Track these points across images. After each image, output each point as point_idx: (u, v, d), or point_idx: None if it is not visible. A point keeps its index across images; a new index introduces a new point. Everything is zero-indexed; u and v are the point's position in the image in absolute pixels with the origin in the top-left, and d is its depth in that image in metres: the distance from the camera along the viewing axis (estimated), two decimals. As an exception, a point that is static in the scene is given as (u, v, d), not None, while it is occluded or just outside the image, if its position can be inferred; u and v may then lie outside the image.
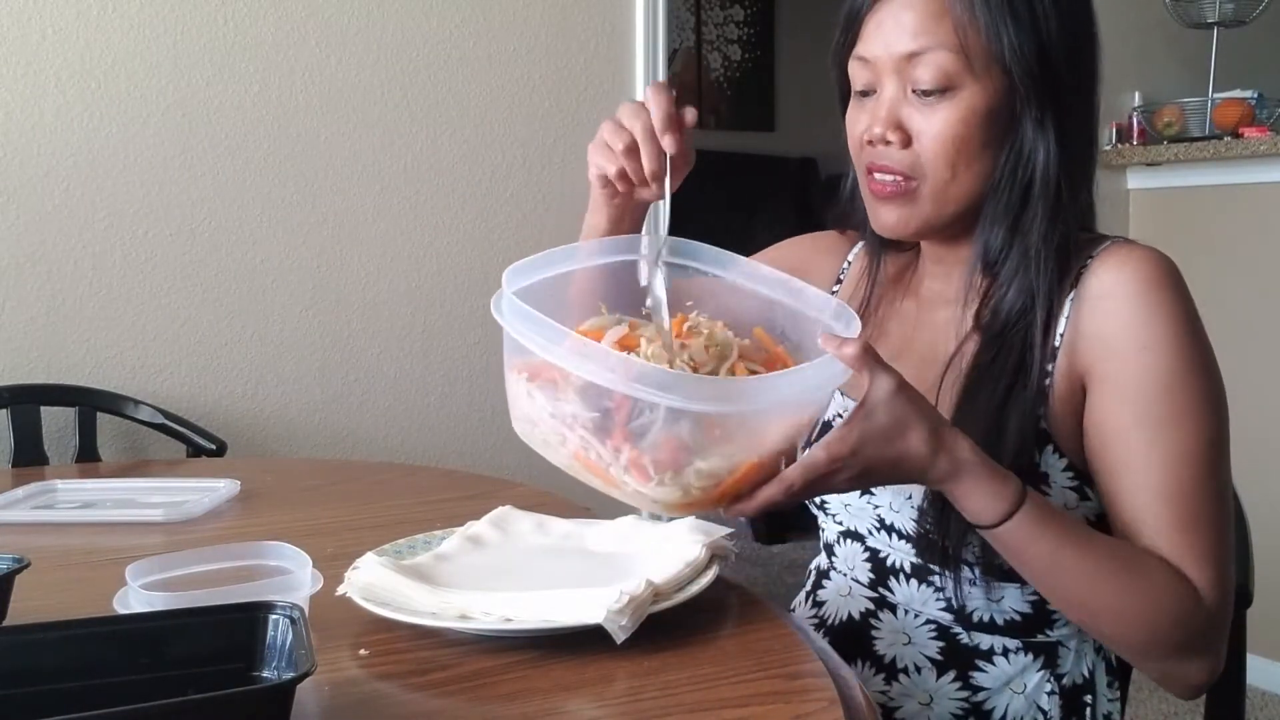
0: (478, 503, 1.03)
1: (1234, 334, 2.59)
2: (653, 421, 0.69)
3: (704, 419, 0.69)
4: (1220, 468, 0.81)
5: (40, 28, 1.65)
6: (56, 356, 1.69)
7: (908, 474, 0.74)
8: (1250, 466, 1.72)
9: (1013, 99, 0.82)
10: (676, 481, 0.71)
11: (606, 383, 0.67)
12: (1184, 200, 2.69)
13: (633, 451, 0.70)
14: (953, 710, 0.89)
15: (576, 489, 0.83)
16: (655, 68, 2.14)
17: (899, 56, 0.82)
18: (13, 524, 1.08)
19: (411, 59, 1.92)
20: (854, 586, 0.97)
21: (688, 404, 0.67)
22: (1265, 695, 2.47)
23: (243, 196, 1.80)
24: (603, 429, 0.70)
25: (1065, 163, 0.83)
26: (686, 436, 0.69)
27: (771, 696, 0.64)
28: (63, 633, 0.59)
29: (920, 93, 0.82)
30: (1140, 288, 0.81)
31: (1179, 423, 0.79)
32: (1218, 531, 0.80)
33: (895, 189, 0.85)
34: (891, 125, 0.83)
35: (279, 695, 0.53)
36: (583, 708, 0.64)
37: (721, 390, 0.70)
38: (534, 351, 0.69)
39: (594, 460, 0.72)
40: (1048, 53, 0.81)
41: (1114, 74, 3.21)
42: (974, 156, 0.83)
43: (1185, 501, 0.79)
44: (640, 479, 0.71)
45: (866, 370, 0.71)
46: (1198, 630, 0.78)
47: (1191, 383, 0.80)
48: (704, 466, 0.70)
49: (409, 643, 0.72)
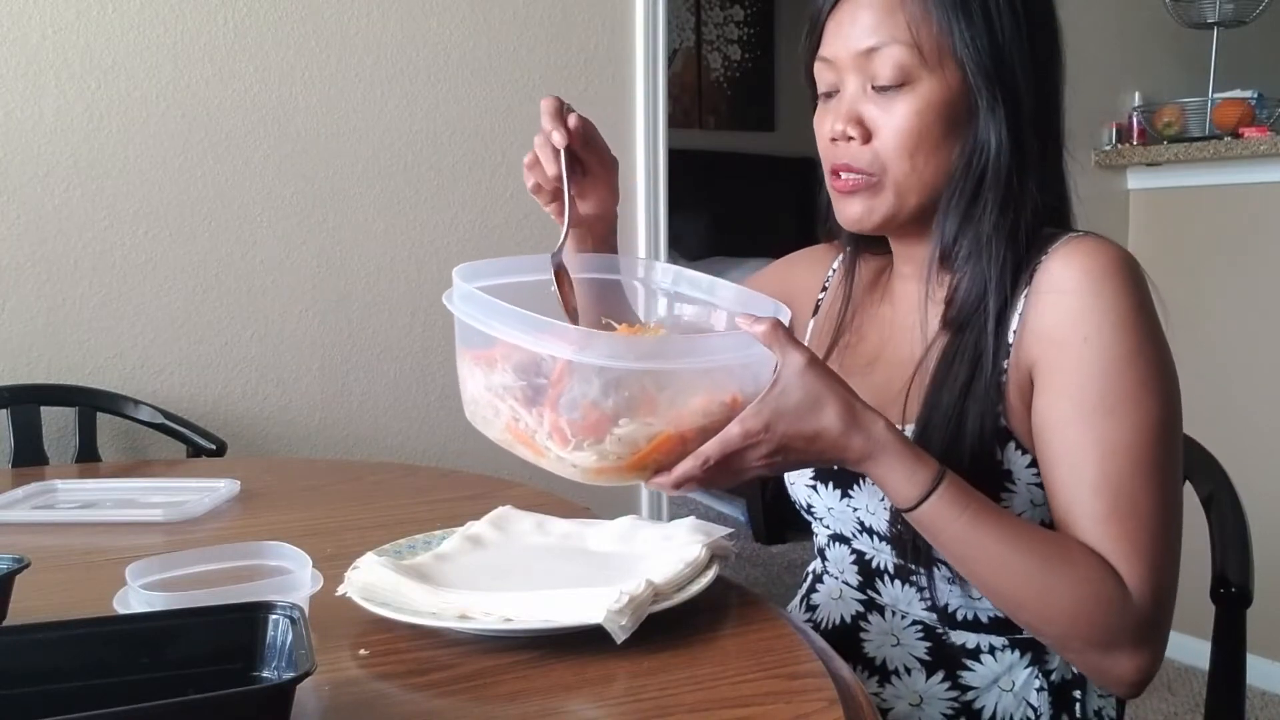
0: (478, 503, 1.03)
1: (1234, 334, 2.59)
2: (574, 389, 0.73)
3: (622, 384, 0.73)
4: (1162, 459, 0.79)
5: (40, 27, 1.65)
6: (56, 356, 1.69)
7: (825, 452, 0.75)
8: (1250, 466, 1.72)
9: (969, 92, 0.84)
10: (595, 448, 0.74)
11: (523, 343, 0.72)
12: (1184, 200, 2.69)
13: (554, 417, 0.74)
14: (943, 710, 0.90)
15: (577, 489, 0.83)
16: (655, 68, 2.14)
17: (857, 53, 0.85)
18: (13, 524, 1.08)
19: (412, 59, 1.92)
20: (844, 589, 0.98)
21: (599, 360, 0.72)
22: (1265, 695, 2.47)
23: (243, 196, 1.80)
24: (530, 399, 0.75)
25: (1016, 154, 0.84)
26: (605, 402, 0.73)
27: (771, 696, 0.64)
28: (63, 633, 0.59)
29: (879, 88, 0.85)
30: (1086, 280, 0.81)
31: (1115, 413, 0.79)
32: (1154, 525, 0.78)
33: (857, 184, 0.87)
34: (852, 121, 0.86)
35: (279, 695, 0.53)
36: (583, 708, 0.64)
37: (632, 347, 0.74)
38: (478, 331, 0.74)
39: (522, 430, 0.76)
40: (1000, 47, 0.83)
41: (1114, 74, 3.20)
42: (933, 148, 0.85)
43: (1118, 492, 0.78)
44: (560, 444, 0.74)
45: (777, 347, 0.74)
46: (1124, 624, 0.77)
47: (1131, 373, 0.79)
48: (622, 434, 0.73)
49: (409, 643, 0.73)
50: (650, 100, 2.13)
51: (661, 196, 2.17)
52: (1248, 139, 2.47)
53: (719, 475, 0.75)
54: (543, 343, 0.72)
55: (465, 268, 0.81)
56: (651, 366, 0.74)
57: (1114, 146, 2.71)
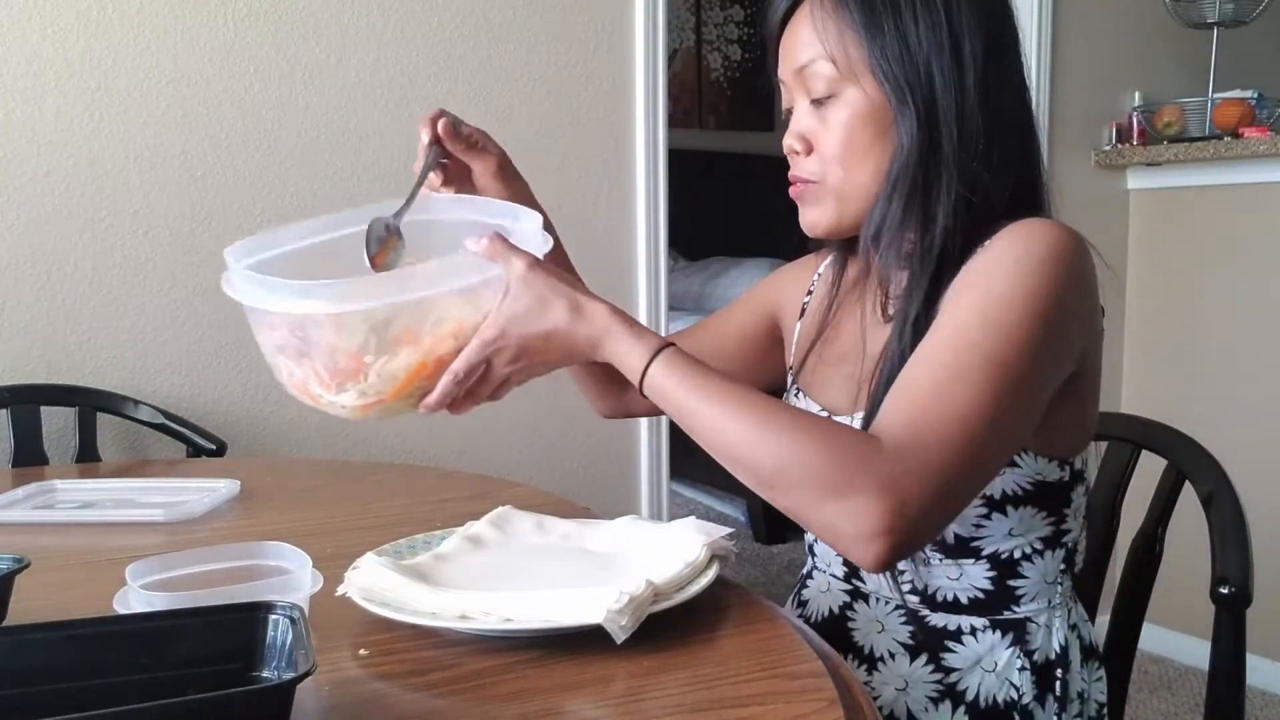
0: (478, 503, 1.03)
1: (1233, 334, 2.59)
2: (323, 337, 0.80)
3: (360, 324, 0.79)
4: (997, 393, 0.74)
5: (40, 27, 1.65)
6: (56, 356, 1.69)
7: (561, 348, 0.82)
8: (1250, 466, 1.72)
9: (888, 100, 0.88)
10: (357, 387, 0.81)
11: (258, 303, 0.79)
12: (1184, 200, 2.69)
13: (314, 365, 0.81)
14: (928, 693, 0.91)
15: (577, 490, 0.84)
16: (655, 68, 2.14)
17: (794, 72, 0.92)
18: (13, 524, 1.08)
19: (412, 59, 1.92)
20: (832, 582, 0.99)
21: (329, 307, 0.78)
22: (1265, 695, 2.48)
23: (243, 197, 1.80)
24: (300, 353, 0.82)
25: (932, 155, 0.87)
26: (352, 344, 0.79)
27: (771, 696, 0.64)
28: (63, 633, 0.59)
29: (815, 102, 0.91)
30: (1007, 245, 0.82)
31: (958, 343, 0.77)
32: (943, 428, 0.73)
33: (802, 192, 0.94)
34: (797, 136, 0.93)
35: (279, 695, 0.53)
36: (583, 708, 0.64)
37: (358, 289, 0.79)
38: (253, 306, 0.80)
39: (299, 381, 0.83)
40: (913, 55, 0.87)
41: (1114, 74, 3.21)
42: (861, 155, 0.89)
43: (927, 391, 0.75)
44: (328, 389, 0.82)
45: (500, 258, 0.80)
46: (864, 464, 0.71)
47: (1008, 313, 0.77)
48: (379, 370, 0.80)
49: (409, 643, 0.73)
50: (650, 100, 2.13)
51: (661, 196, 2.17)
52: (1248, 139, 2.47)
53: (480, 388, 0.83)
54: (273, 300, 0.79)
55: (239, 246, 0.86)
56: (380, 304, 0.79)
57: (1114, 146, 2.71)
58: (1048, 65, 2.56)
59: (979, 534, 0.89)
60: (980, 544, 0.89)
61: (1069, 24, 2.61)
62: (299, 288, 0.78)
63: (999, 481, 0.87)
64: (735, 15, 5.12)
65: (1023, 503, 0.88)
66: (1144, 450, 1.11)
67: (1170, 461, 1.07)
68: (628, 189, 2.14)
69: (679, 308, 3.95)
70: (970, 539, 0.89)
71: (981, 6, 0.88)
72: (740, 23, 5.13)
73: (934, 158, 0.87)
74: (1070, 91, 2.64)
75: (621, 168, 2.13)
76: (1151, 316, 2.76)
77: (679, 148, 2.53)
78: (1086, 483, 0.94)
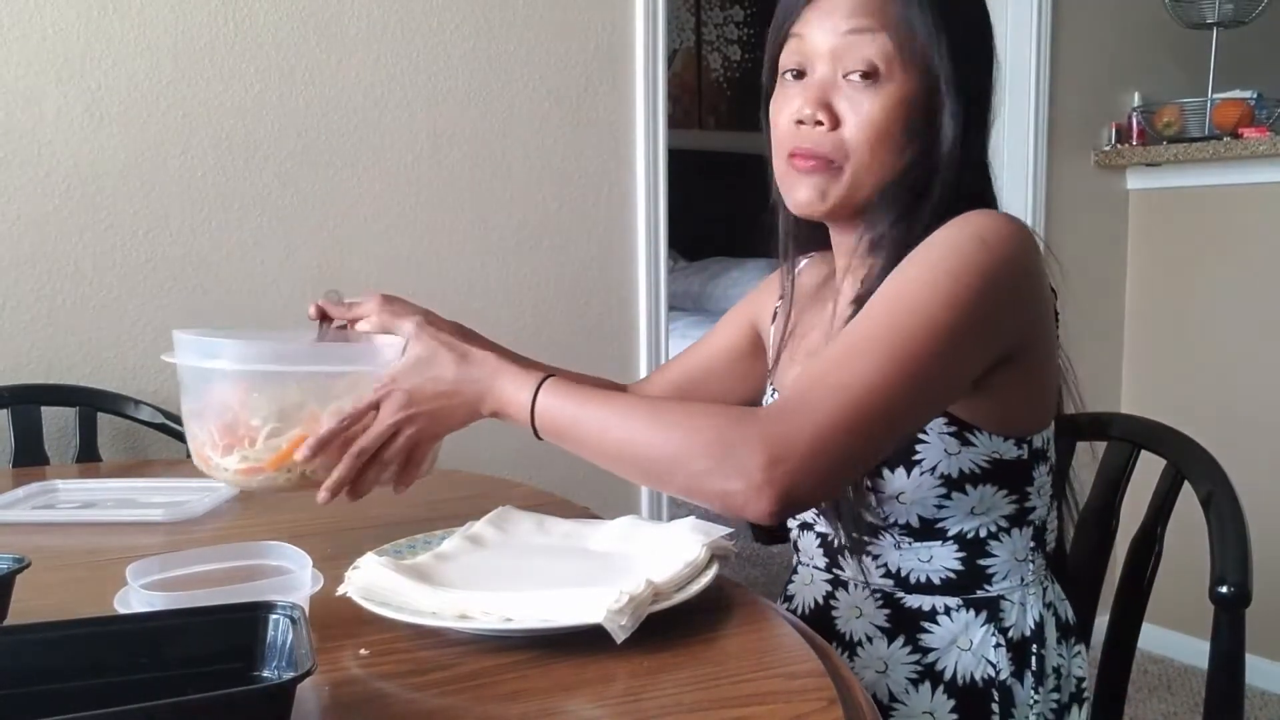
0: (478, 503, 1.03)
1: (1233, 334, 2.59)
2: (221, 396, 0.86)
3: (249, 388, 0.85)
4: (883, 373, 0.76)
5: (41, 27, 1.65)
6: (57, 357, 1.69)
7: (451, 398, 0.84)
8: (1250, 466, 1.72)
9: (932, 95, 0.86)
10: (241, 451, 0.85)
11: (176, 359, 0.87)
12: (1183, 200, 2.69)
13: (209, 426, 0.86)
14: (907, 675, 0.92)
15: (577, 489, 0.84)
16: (655, 68, 2.14)
17: (838, 34, 0.86)
18: (13, 524, 1.08)
19: (412, 60, 1.92)
20: (815, 574, 1.01)
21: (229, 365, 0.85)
22: (1265, 695, 2.48)
23: (243, 197, 1.80)
24: (198, 415, 0.88)
25: (964, 157, 0.87)
26: (243, 407, 0.85)
27: (771, 696, 0.65)
28: (63, 632, 0.59)
29: (851, 78, 0.87)
30: (940, 234, 0.82)
31: (867, 323, 0.79)
32: (834, 398, 0.74)
33: (816, 167, 0.89)
34: (822, 106, 0.88)
35: (279, 695, 0.53)
36: (583, 708, 0.64)
37: (256, 351, 0.88)
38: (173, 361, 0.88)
39: (196, 448, 0.88)
40: (969, 58, 0.87)
41: (1114, 74, 3.21)
42: (893, 144, 0.87)
43: (827, 368, 0.77)
44: (220, 455, 0.86)
45: (397, 323, 0.88)
46: (746, 430, 0.74)
47: (925, 292, 0.78)
48: (266, 435, 0.85)
49: (409, 642, 0.73)
50: (650, 100, 2.13)
51: (661, 197, 2.17)
52: (1247, 139, 2.47)
53: (380, 453, 0.85)
54: (181, 355, 0.87)
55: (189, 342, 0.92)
56: (275, 368, 0.86)
57: (1113, 147, 2.71)
58: (1048, 65, 2.56)
59: (941, 515, 0.90)
60: (944, 525, 0.90)
61: (1069, 24, 2.61)
62: (207, 345, 0.86)
63: (955, 460, 0.88)
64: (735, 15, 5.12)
65: (981, 481, 0.89)
66: (1143, 450, 1.11)
67: (1169, 461, 1.07)
68: (628, 189, 2.14)
69: (679, 308, 3.95)
70: (934, 520, 0.90)
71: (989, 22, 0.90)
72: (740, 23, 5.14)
73: (964, 166, 0.87)
74: (1070, 92, 2.64)
75: (621, 168, 2.13)
76: (1151, 316, 2.76)
77: (679, 148, 2.53)
78: (1050, 461, 0.95)
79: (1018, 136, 2.57)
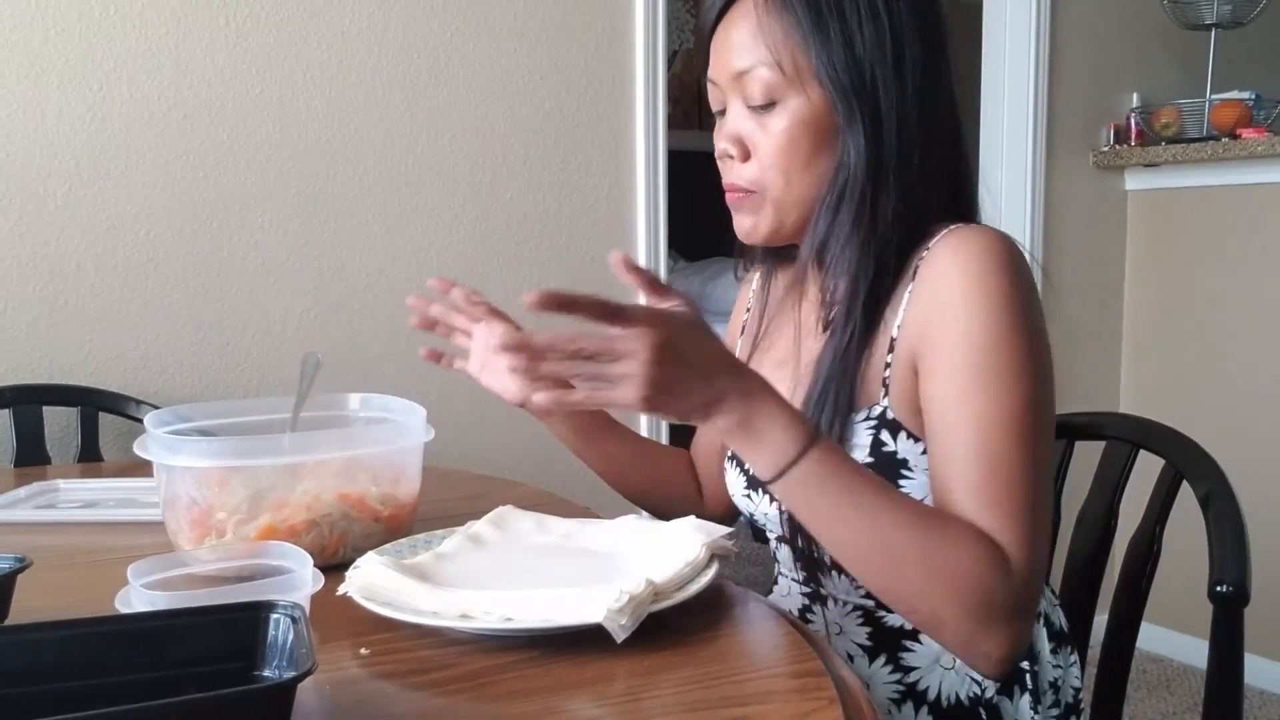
0: (478, 503, 1.04)
1: (1232, 334, 2.59)
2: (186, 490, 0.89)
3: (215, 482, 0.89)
4: (1034, 436, 0.80)
5: (43, 29, 1.65)
6: (59, 357, 1.69)
7: (700, 381, 0.72)
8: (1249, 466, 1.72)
9: (833, 108, 0.87)
10: (211, 544, 0.87)
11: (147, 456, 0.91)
12: (1182, 201, 2.69)
13: (179, 516, 0.90)
14: (889, 695, 0.90)
15: (577, 489, 0.84)
16: (655, 68, 2.14)
17: (731, 75, 0.89)
18: (15, 523, 1.09)
19: (412, 60, 1.92)
20: (793, 586, 1.00)
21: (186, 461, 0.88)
22: (1265, 695, 2.48)
23: (244, 198, 1.81)
24: (170, 505, 0.91)
25: (875, 164, 0.86)
26: (211, 498, 0.88)
27: (771, 696, 0.65)
28: (64, 632, 0.59)
29: (752, 108, 0.89)
30: (957, 263, 0.82)
31: (989, 389, 0.79)
32: (1027, 498, 0.78)
33: (741, 199, 0.91)
34: (733, 140, 0.90)
35: (280, 694, 0.53)
36: (583, 707, 0.64)
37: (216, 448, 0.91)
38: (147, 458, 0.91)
39: (170, 535, 0.92)
40: (860, 61, 0.86)
41: (1112, 75, 3.20)
42: (804, 164, 0.88)
43: (992, 465, 0.78)
44: (188, 542, 0.89)
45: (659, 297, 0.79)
46: (1005, 592, 0.76)
47: (1004, 350, 0.80)
48: (235, 527, 0.87)
49: (410, 642, 0.73)
50: (650, 101, 2.13)
51: (661, 197, 2.17)
52: (1245, 140, 2.47)
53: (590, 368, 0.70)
54: (149, 450, 0.89)
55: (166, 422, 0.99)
56: (239, 464, 0.89)
57: (1112, 147, 2.71)
58: (1046, 66, 2.56)
59: None
60: None
61: (1067, 25, 2.61)
62: (170, 443, 0.88)
63: (925, 481, 0.87)
64: (735, 16, 5.11)
65: None
66: (1142, 450, 1.11)
67: (1168, 461, 1.07)
68: (628, 189, 2.14)
69: (679, 308, 3.93)
70: None
71: (918, 10, 0.88)
72: (740, 23, 5.13)
73: (879, 168, 0.87)
74: (1068, 92, 2.64)
75: (621, 168, 2.14)
76: (1149, 317, 2.77)
77: (679, 148, 2.53)
78: None
79: (1016, 137, 2.57)
